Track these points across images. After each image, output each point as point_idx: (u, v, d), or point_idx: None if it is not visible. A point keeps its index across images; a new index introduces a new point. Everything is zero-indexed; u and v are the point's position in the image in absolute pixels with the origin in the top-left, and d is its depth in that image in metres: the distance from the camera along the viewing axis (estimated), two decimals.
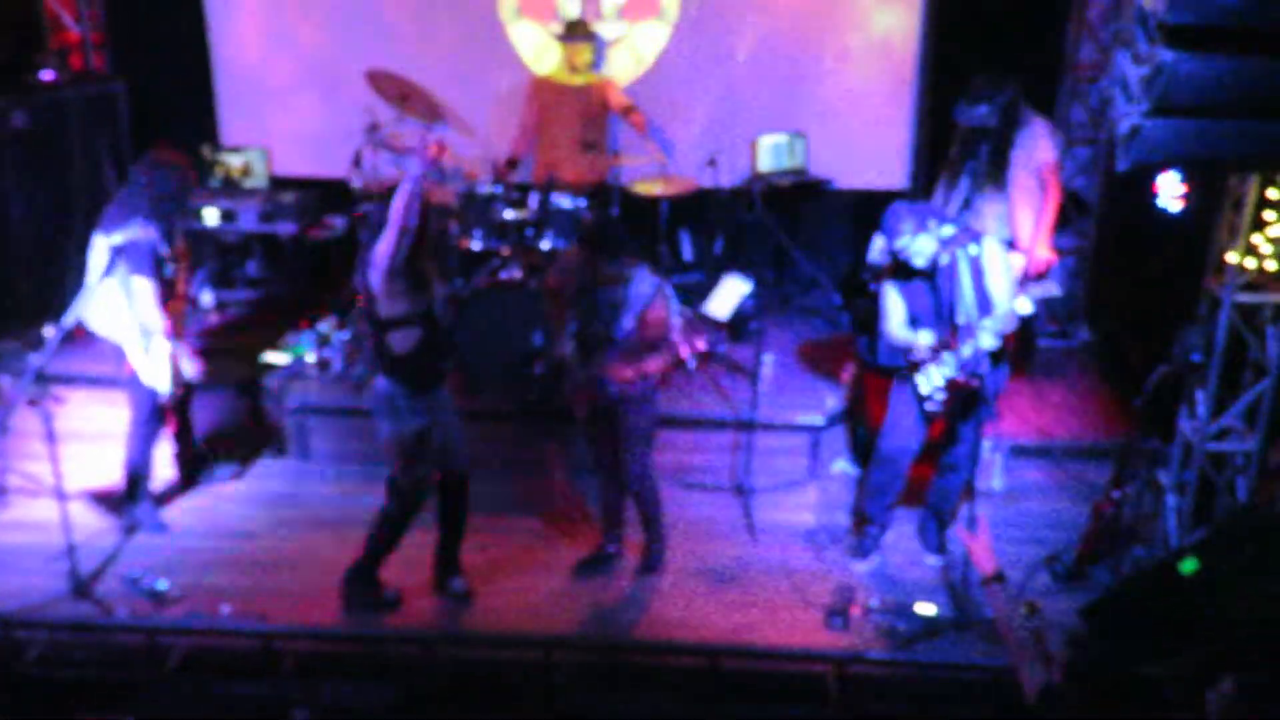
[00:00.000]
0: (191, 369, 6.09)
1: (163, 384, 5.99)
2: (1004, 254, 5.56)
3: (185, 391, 6.31)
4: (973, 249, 5.45)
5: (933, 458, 6.00)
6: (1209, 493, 5.88)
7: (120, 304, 5.81)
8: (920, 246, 5.40)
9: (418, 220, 5.00)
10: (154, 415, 6.14)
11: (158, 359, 5.93)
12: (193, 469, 6.71)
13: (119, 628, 5.44)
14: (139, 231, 5.75)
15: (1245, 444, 5.72)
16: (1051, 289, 5.47)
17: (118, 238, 5.74)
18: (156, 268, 5.80)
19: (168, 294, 5.92)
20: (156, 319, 5.84)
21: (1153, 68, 4.20)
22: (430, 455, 5.43)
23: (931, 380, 5.56)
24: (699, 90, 8.30)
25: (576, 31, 7.74)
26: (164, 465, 6.56)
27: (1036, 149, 6.49)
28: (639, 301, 5.42)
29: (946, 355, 5.48)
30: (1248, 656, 4.49)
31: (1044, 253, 6.59)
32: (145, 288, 5.76)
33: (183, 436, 6.61)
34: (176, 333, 6.02)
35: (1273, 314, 5.53)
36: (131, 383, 6.03)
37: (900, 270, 5.59)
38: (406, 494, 5.48)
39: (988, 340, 5.42)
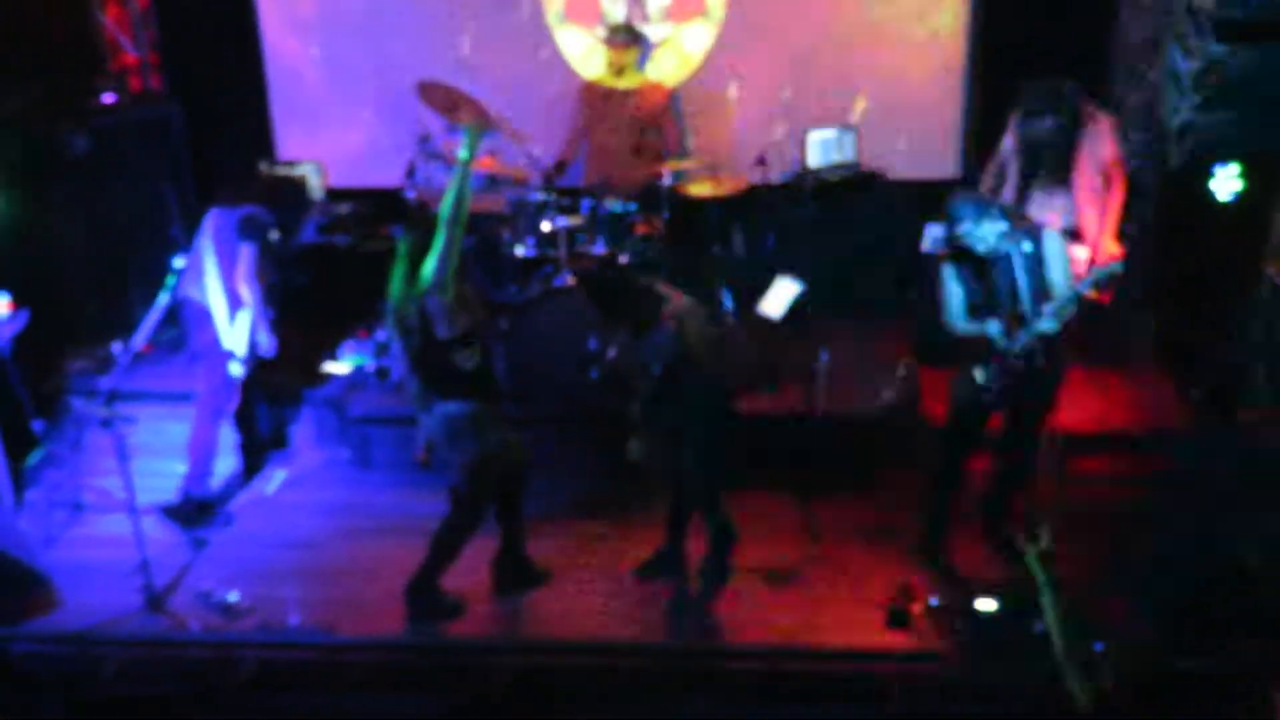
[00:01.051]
0: (267, 342, 6.48)
1: (241, 349, 6.37)
2: (1063, 244, 5.52)
3: (255, 368, 6.58)
4: (1030, 241, 5.43)
5: (992, 453, 5.99)
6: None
7: (214, 273, 6.29)
8: (985, 232, 5.40)
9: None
10: (225, 387, 6.48)
11: (241, 328, 6.34)
12: (255, 456, 6.98)
13: (192, 642, 5.57)
14: (261, 215, 6.36)
15: None
16: (1114, 267, 5.38)
17: (245, 213, 6.32)
18: (264, 243, 6.31)
19: (266, 273, 6.43)
20: (250, 289, 6.30)
21: (1204, 61, 4.18)
22: (501, 464, 5.51)
23: (990, 369, 5.55)
24: (747, 88, 8.29)
25: (619, 35, 7.77)
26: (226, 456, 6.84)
27: (1101, 146, 6.34)
28: (658, 353, 5.42)
29: (1006, 344, 5.47)
30: None
31: (1112, 247, 6.50)
32: (250, 256, 6.27)
33: (246, 420, 6.85)
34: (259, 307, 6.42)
35: None
36: (209, 350, 6.40)
37: (960, 257, 5.57)
38: (473, 504, 5.55)
39: (1050, 325, 5.39)
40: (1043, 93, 6.26)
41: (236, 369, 6.40)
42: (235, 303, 6.36)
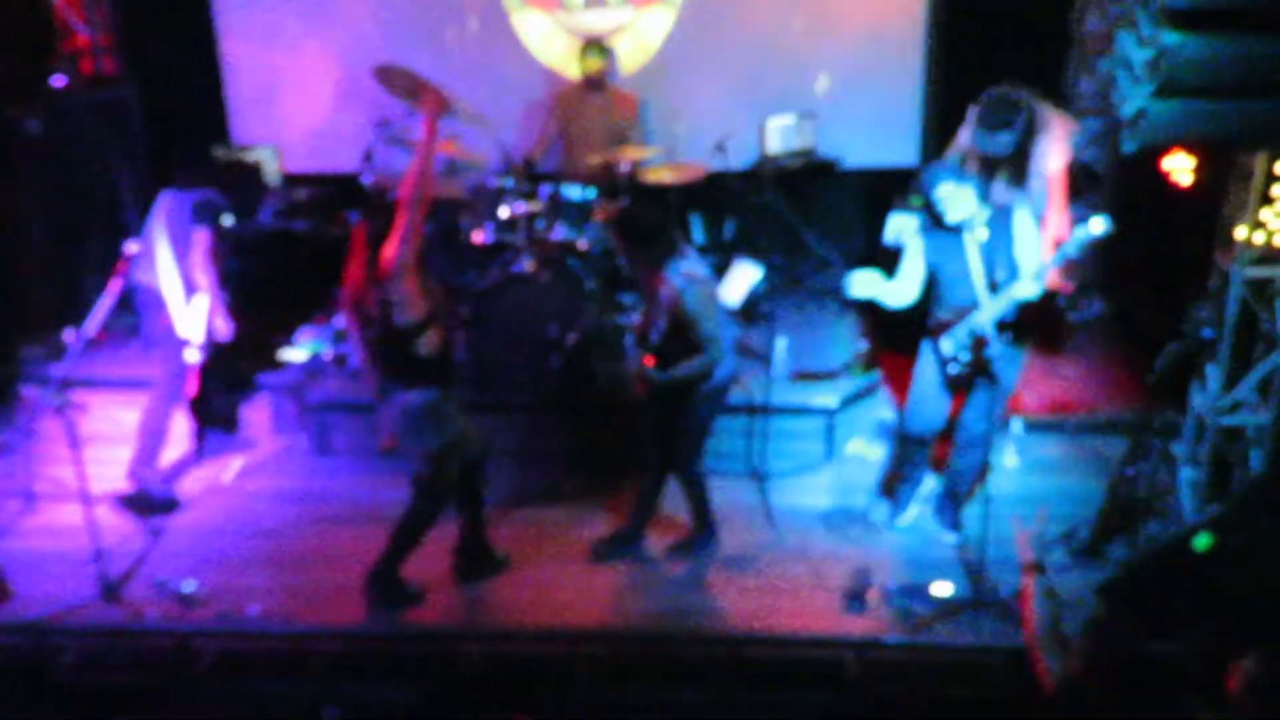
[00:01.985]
0: (224, 327, 6.47)
1: (197, 334, 6.34)
2: (1033, 223, 5.58)
3: (211, 353, 6.54)
4: (1001, 217, 5.54)
5: (950, 437, 6.05)
6: (1224, 466, 5.89)
7: (168, 257, 6.25)
8: (962, 198, 5.49)
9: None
10: (180, 373, 6.45)
11: (196, 313, 6.31)
12: (208, 441, 6.99)
13: (149, 632, 5.52)
14: (214, 196, 6.33)
15: (1258, 417, 5.73)
16: (1099, 231, 5.22)
17: (199, 198, 6.28)
18: (219, 228, 6.30)
19: (219, 259, 6.43)
20: (205, 274, 6.29)
21: (1156, 50, 4.21)
22: (461, 452, 5.50)
23: (957, 340, 5.61)
24: (706, 75, 8.29)
25: (591, 51, 7.81)
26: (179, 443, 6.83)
27: (1051, 155, 6.20)
28: (666, 302, 5.41)
29: (972, 316, 5.54)
30: (1265, 631, 4.51)
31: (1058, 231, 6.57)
32: (204, 240, 6.25)
33: (201, 406, 6.81)
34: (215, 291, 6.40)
35: None
36: (164, 336, 6.36)
37: (930, 228, 5.65)
38: (435, 492, 5.54)
39: (1032, 288, 5.44)
40: (999, 106, 6.10)
41: (193, 355, 6.35)
42: (190, 288, 6.32)
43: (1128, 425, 6.21)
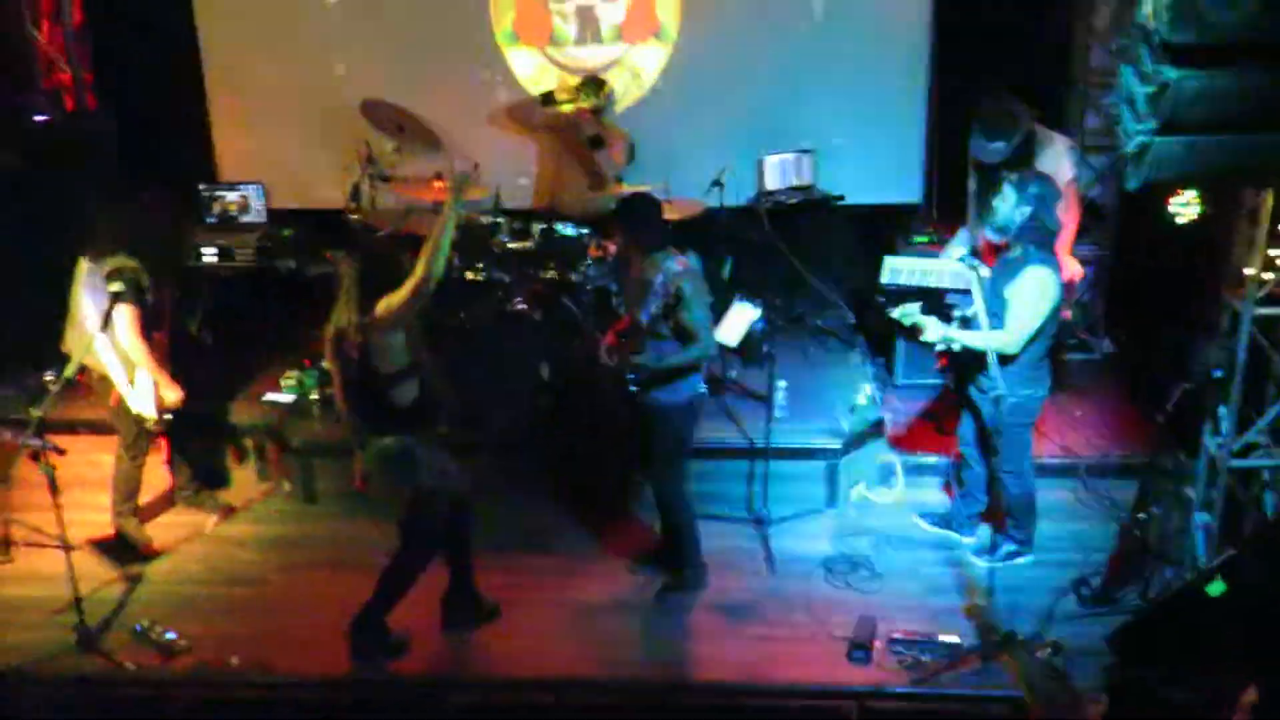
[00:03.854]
0: (174, 397, 6.08)
1: (148, 410, 6.03)
2: (1027, 290, 5.49)
3: (172, 420, 6.26)
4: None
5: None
6: (1237, 509, 5.74)
7: (103, 333, 5.80)
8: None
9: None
10: (139, 440, 6.21)
11: (143, 387, 5.99)
12: (190, 492, 6.78)
13: (124, 682, 5.36)
14: (124, 261, 5.80)
15: (1272, 459, 5.58)
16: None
17: (107, 265, 5.79)
18: (140, 297, 5.80)
19: (152, 325, 5.98)
20: (140, 347, 5.89)
21: (1158, 85, 4.14)
22: (447, 496, 5.34)
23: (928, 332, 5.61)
24: (701, 111, 8.18)
25: (586, 88, 7.67)
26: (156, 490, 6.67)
27: (1060, 168, 6.39)
28: (660, 291, 5.28)
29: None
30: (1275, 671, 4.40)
31: (1072, 264, 6.54)
32: (129, 315, 5.79)
33: (176, 466, 6.63)
34: (160, 362, 6.03)
35: None
36: (118, 412, 6.10)
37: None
38: (420, 538, 5.39)
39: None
40: (994, 115, 6.32)
41: (154, 427, 6.16)
42: (128, 364, 5.96)
43: (1139, 468, 6.06)
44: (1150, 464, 5.77)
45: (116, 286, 5.64)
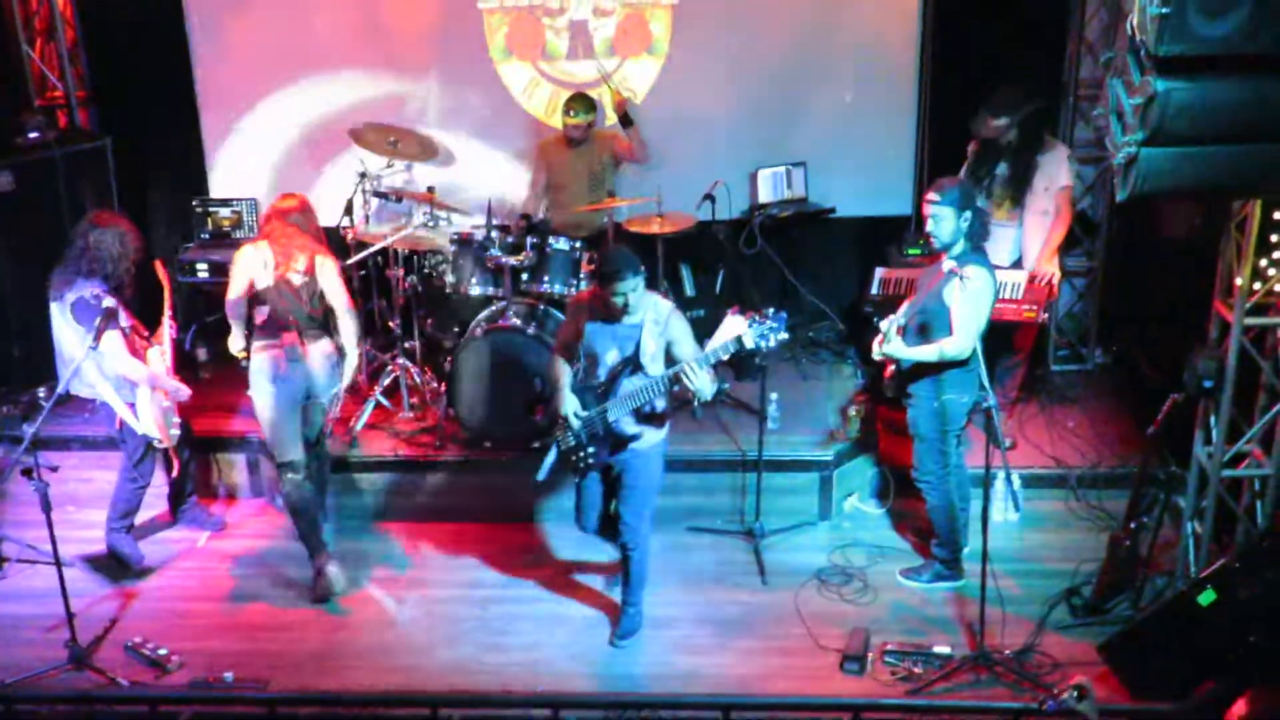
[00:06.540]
0: (181, 391, 6.14)
1: (155, 432, 6.04)
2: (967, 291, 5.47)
3: (181, 435, 6.33)
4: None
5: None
6: (1228, 518, 5.75)
7: (92, 363, 5.81)
8: None
9: None
10: (145, 461, 6.22)
11: (145, 408, 5.99)
12: (185, 507, 6.74)
13: (119, 698, 5.33)
14: (85, 290, 5.81)
15: (1262, 469, 5.59)
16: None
17: (71, 297, 5.81)
18: (111, 320, 5.74)
19: (137, 342, 6.00)
20: (132, 368, 5.89)
21: (1146, 97, 4.15)
22: None
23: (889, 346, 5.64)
24: (693, 124, 8.18)
25: (580, 104, 7.60)
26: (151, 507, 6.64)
27: (1059, 173, 6.52)
28: (634, 335, 5.32)
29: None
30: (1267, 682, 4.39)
31: (1049, 266, 6.59)
32: (110, 340, 5.77)
33: (180, 482, 6.60)
34: (156, 379, 6.04)
35: None
36: (124, 434, 6.11)
37: None
38: None
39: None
40: (1003, 94, 6.55)
41: (162, 444, 6.17)
42: (126, 387, 5.99)
43: (1129, 479, 6.06)
44: (1141, 474, 5.75)
45: (90, 318, 5.68)
